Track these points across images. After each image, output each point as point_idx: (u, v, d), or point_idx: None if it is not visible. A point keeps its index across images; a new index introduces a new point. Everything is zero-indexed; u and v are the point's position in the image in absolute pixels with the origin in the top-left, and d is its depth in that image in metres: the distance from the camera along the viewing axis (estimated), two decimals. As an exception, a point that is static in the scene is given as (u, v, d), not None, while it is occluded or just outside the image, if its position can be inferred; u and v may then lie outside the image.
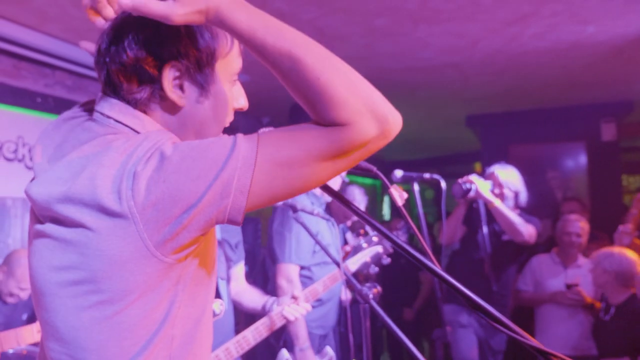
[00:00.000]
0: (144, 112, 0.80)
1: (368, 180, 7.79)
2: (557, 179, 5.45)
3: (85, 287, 0.72)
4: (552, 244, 3.52)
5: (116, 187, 0.69)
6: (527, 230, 2.91)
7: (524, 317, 3.51)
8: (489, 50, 3.48)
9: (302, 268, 2.41)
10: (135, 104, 0.79)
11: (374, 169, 1.01)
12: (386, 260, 2.05)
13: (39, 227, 0.76)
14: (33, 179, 0.80)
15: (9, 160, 3.09)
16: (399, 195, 1.05)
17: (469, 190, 2.80)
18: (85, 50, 0.88)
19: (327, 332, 2.56)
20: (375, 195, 8.36)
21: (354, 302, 2.90)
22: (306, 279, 2.40)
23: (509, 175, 3.07)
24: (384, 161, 7.98)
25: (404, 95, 4.66)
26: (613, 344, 2.68)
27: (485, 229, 3.04)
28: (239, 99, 0.89)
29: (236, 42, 0.85)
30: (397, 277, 4.33)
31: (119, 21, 0.79)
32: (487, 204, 2.92)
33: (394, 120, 0.76)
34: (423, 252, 0.91)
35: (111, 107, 0.80)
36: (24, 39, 2.98)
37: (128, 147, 0.72)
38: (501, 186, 3.02)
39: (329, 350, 2.00)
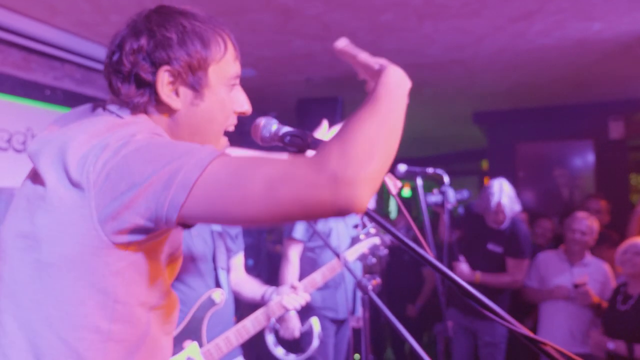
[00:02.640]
0: (143, 114, 0.87)
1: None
2: (564, 177, 5.43)
3: (30, 242, 0.76)
4: (559, 241, 3.51)
5: (86, 155, 0.73)
6: (519, 276, 3.10)
7: (522, 312, 3.54)
8: (494, 47, 3.47)
9: (306, 249, 2.57)
10: (133, 108, 0.85)
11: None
12: (384, 252, 2.08)
13: (24, 182, 0.84)
14: None
15: (18, 151, 3.14)
16: (393, 184, 1.07)
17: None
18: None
19: (343, 317, 2.65)
20: (382, 193, 8.36)
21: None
22: (311, 261, 2.54)
23: (506, 193, 3.13)
24: (390, 158, 7.97)
25: (410, 92, 4.65)
26: (632, 333, 2.67)
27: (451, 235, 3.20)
28: (242, 104, 0.93)
29: (231, 48, 0.90)
30: (400, 273, 4.35)
31: (120, 34, 0.86)
32: (474, 281, 3.09)
33: (350, 206, 0.66)
34: (420, 244, 0.92)
35: (112, 106, 0.87)
36: (34, 32, 3.03)
37: (116, 125, 0.77)
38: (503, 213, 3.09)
39: (314, 321, 2.04)
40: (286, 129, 0.99)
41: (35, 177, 0.79)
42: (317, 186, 0.65)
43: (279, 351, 1.95)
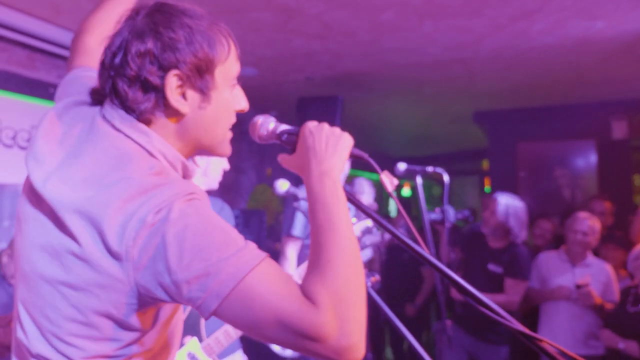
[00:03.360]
0: (149, 120, 0.83)
1: (375, 176, 7.80)
2: (565, 177, 5.41)
3: (64, 289, 0.77)
4: (560, 242, 3.50)
5: (123, 225, 0.73)
6: (515, 297, 3.04)
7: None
8: (495, 46, 3.48)
9: (304, 247, 2.63)
10: (140, 114, 0.82)
11: (366, 155, 1.02)
12: (376, 234, 2.07)
13: (43, 222, 0.81)
14: (32, 145, 0.84)
15: (22, 148, 3.17)
16: (389, 181, 1.08)
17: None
18: None
19: None
20: (382, 191, 8.36)
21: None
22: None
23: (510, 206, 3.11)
24: (390, 157, 7.98)
25: (411, 91, 4.67)
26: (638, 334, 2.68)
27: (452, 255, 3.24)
28: (240, 102, 0.93)
29: (233, 48, 0.89)
30: (399, 272, 4.35)
31: (120, 34, 0.82)
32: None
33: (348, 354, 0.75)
34: (418, 243, 0.93)
35: (122, 121, 0.83)
36: (38, 31, 3.06)
37: (148, 185, 0.76)
38: (495, 214, 3.09)
39: None
40: (284, 126, 1.01)
41: (61, 225, 0.77)
42: (322, 349, 0.73)
43: (276, 346, 1.96)
